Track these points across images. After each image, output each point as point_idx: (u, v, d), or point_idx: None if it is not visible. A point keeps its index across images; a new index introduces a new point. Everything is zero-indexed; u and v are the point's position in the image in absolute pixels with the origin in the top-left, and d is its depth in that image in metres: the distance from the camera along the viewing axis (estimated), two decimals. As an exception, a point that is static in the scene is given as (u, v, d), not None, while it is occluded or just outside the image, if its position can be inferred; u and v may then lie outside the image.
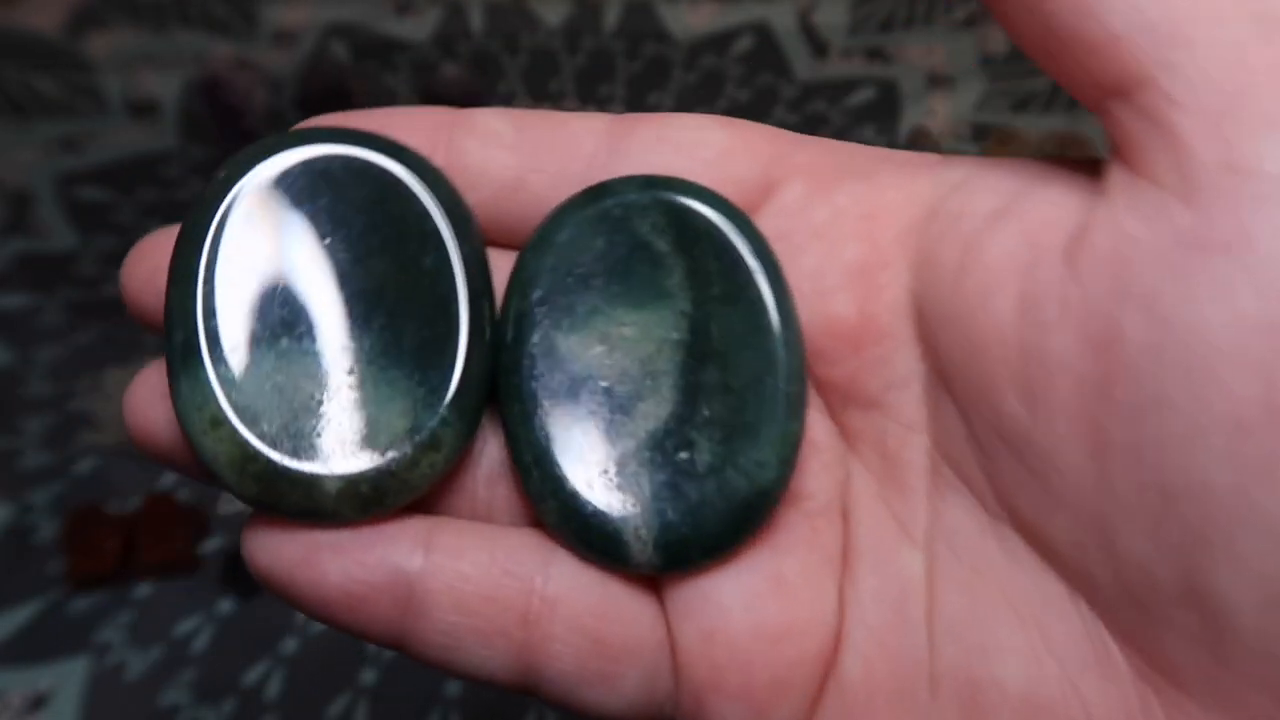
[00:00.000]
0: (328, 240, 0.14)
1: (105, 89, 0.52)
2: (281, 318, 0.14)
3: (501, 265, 0.15)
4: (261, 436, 0.13)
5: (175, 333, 0.14)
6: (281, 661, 0.38)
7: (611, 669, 0.14)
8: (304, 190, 0.14)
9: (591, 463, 0.14)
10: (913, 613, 0.14)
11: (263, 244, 0.14)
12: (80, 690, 0.37)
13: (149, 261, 0.15)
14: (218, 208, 0.14)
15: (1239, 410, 0.11)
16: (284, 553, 0.14)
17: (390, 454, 0.13)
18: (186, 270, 0.14)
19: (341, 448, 0.13)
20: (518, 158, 0.15)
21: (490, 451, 0.15)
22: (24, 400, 0.43)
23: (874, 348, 0.14)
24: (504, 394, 0.14)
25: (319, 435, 0.13)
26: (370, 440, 0.13)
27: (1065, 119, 0.51)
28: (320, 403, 0.13)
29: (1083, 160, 0.13)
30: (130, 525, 0.39)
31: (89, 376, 0.44)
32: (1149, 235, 0.11)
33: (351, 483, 0.13)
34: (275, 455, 0.13)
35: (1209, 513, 0.11)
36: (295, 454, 0.13)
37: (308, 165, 0.14)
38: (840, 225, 0.14)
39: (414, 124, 0.15)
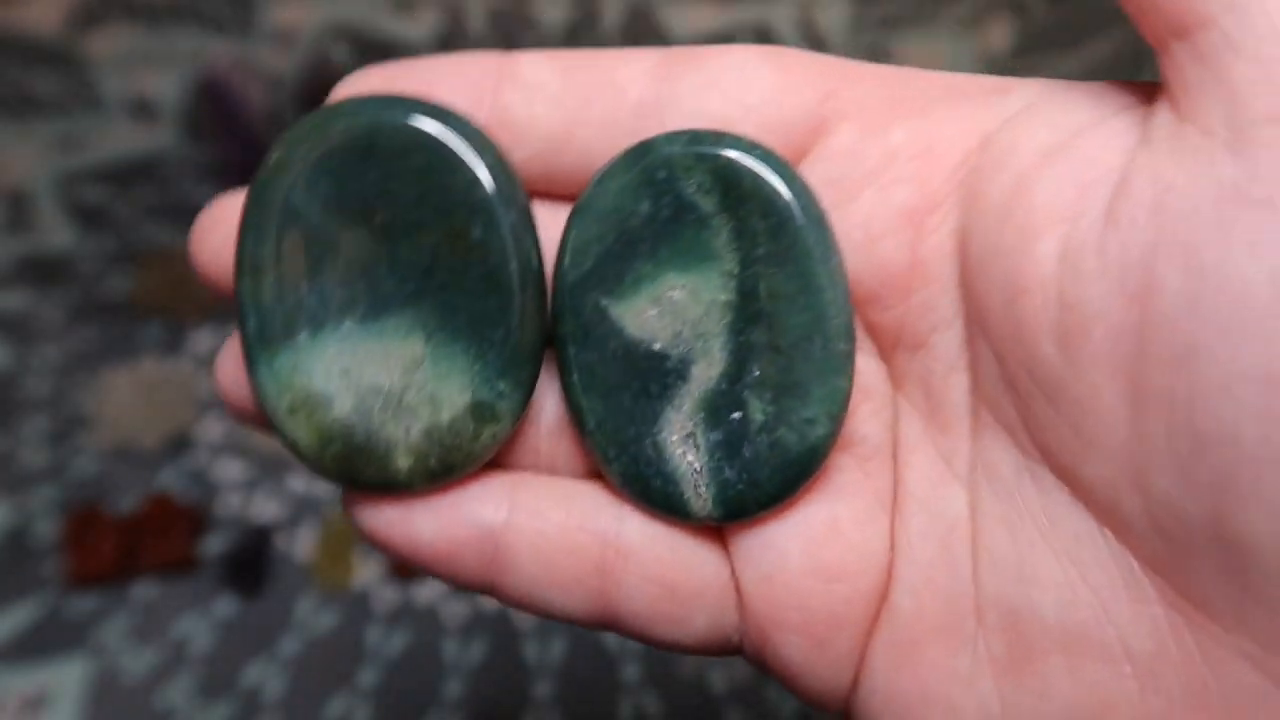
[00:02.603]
0: (379, 217, 0.14)
1: (105, 89, 0.52)
2: (343, 299, 0.14)
3: (553, 221, 0.15)
4: (335, 421, 0.14)
5: (248, 321, 0.14)
6: (281, 661, 0.38)
7: (682, 611, 0.15)
8: (354, 165, 0.14)
9: (650, 426, 0.15)
10: (958, 547, 0.14)
11: (320, 225, 0.14)
12: (79, 690, 0.37)
13: (217, 232, 0.15)
14: (275, 193, 0.14)
15: (1271, 365, 0.11)
16: (382, 515, 0.15)
17: (454, 428, 0.14)
18: (253, 261, 0.14)
19: (408, 425, 0.14)
20: (563, 111, 0.15)
21: (549, 407, 0.16)
22: (23, 400, 0.43)
23: (922, 291, 0.14)
24: (561, 364, 0.15)
25: (387, 415, 0.14)
26: (433, 416, 0.14)
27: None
28: (384, 383, 0.14)
29: (1145, 89, 0.13)
30: (130, 525, 0.39)
31: (88, 376, 0.44)
32: (1190, 185, 0.11)
33: (421, 458, 0.14)
34: (349, 437, 0.14)
35: (1238, 459, 0.11)
36: (367, 435, 0.14)
37: (355, 139, 0.14)
38: (892, 167, 0.14)
39: (458, 76, 0.15)
